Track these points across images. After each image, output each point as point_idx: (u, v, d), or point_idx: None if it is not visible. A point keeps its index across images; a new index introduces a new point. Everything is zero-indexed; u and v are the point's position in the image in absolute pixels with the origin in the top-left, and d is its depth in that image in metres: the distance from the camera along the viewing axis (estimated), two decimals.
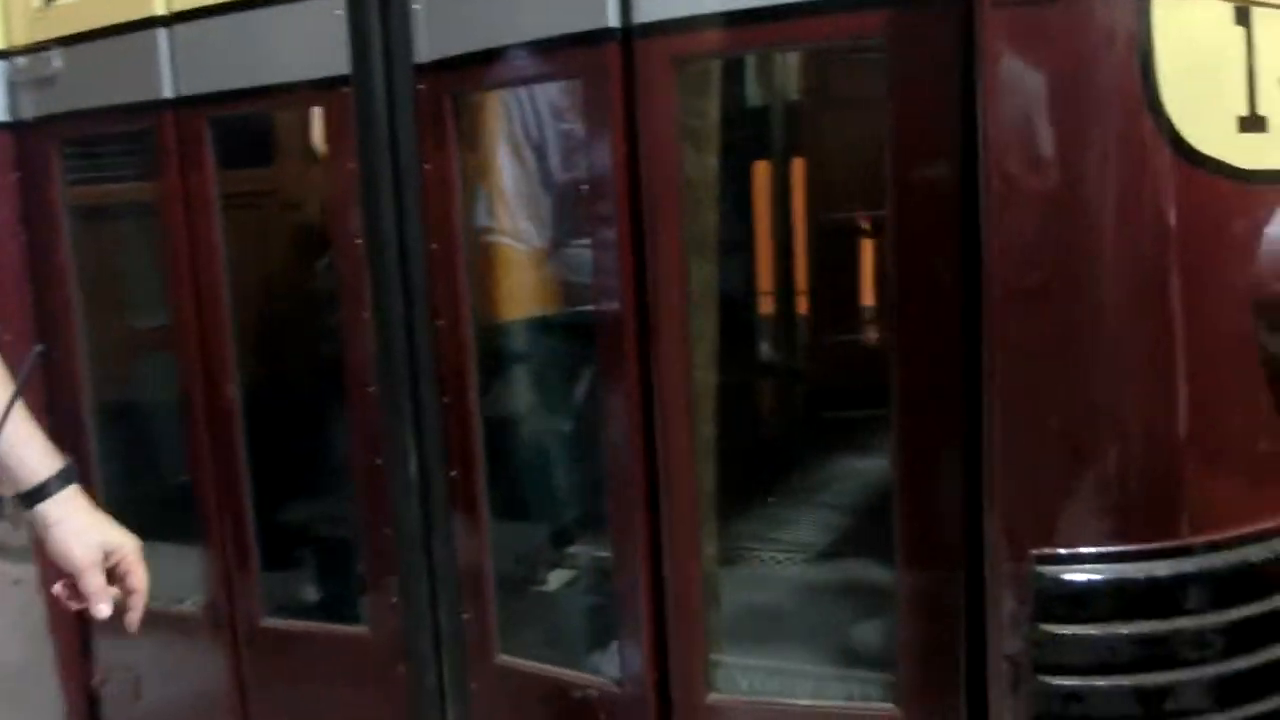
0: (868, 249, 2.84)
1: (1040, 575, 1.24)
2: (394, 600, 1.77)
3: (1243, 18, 1.21)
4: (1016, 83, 1.16)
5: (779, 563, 2.13)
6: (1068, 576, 1.24)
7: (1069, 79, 1.15)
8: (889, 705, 1.41)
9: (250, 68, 1.78)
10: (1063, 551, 1.24)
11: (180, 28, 1.84)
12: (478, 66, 1.57)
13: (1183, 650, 1.24)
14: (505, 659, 1.74)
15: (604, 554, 2.27)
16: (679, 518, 1.51)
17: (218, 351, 1.91)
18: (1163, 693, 1.23)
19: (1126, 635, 1.23)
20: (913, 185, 1.30)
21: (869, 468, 2.36)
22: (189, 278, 1.92)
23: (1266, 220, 1.25)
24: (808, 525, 2.27)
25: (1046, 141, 1.17)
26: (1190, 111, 1.17)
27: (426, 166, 1.63)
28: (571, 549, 2.29)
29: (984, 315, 1.22)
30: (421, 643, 1.74)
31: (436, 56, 1.60)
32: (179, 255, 1.92)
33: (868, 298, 2.89)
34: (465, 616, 1.73)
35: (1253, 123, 1.22)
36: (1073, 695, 1.25)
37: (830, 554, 2.15)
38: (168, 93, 1.86)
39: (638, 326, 1.48)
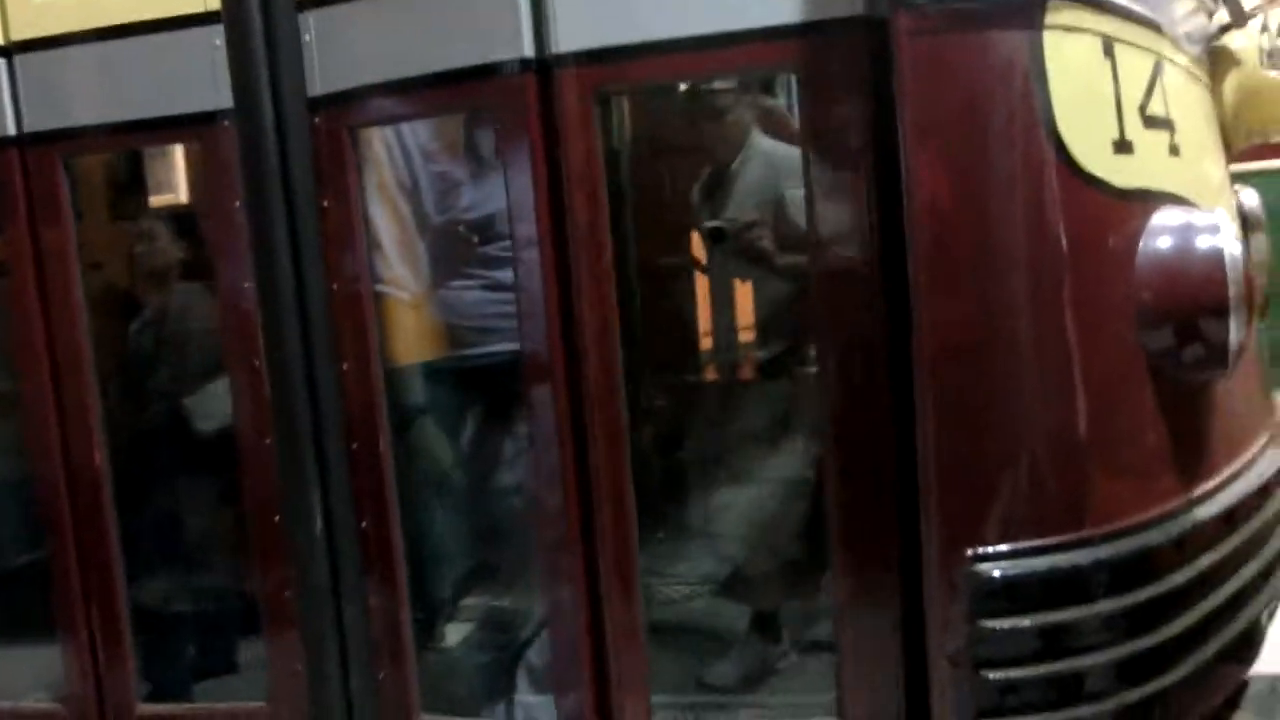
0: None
1: (976, 574, 1.31)
2: (297, 668, 1.66)
3: (1109, 50, 1.34)
4: (930, 105, 1.24)
5: (684, 595, 2.14)
6: (1000, 573, 1.31)
7: (977, 102, 1.25)
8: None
9: (110, 102, 1.67)
10: (994, 550, 1.31)
11: (24, 58, 1.71)
12: (379, 98, 1.53)
13: (1105, 630, 1.33)
14: (427, 718, 1.66)
15: (502, 604, 2.23)
16: (620, 555, 1.49)
17: (80, 417, 1.76)
18: (1095, 671, 1.31)
19: (1058, 623, 1.32)
20: (829, 208, 1.36)
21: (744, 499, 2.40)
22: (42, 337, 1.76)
23: (1139, 235, 1.39)
24: (701, 557, 2.29)
25: (959, 160, 1.26)
26: (1078, 134, 1.29)
27: (325, 203, 1.57)
28: (467, 601, 2.23)
29: (912, 332, 1.29)
30: (332, 710, 1.64)
31: (332, 89, 1.55)
32: (29, 312, 1.76)
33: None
34: (381, 676, 1.64)
35: (1123, 146, 1.36)
36: (1010, 687, 1.32)
37: (729, 583, 2.18)
38: (10, 129, 1.72)
39: (565, 362, 1.47)
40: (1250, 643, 1.58)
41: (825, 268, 1.39)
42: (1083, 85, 1.31)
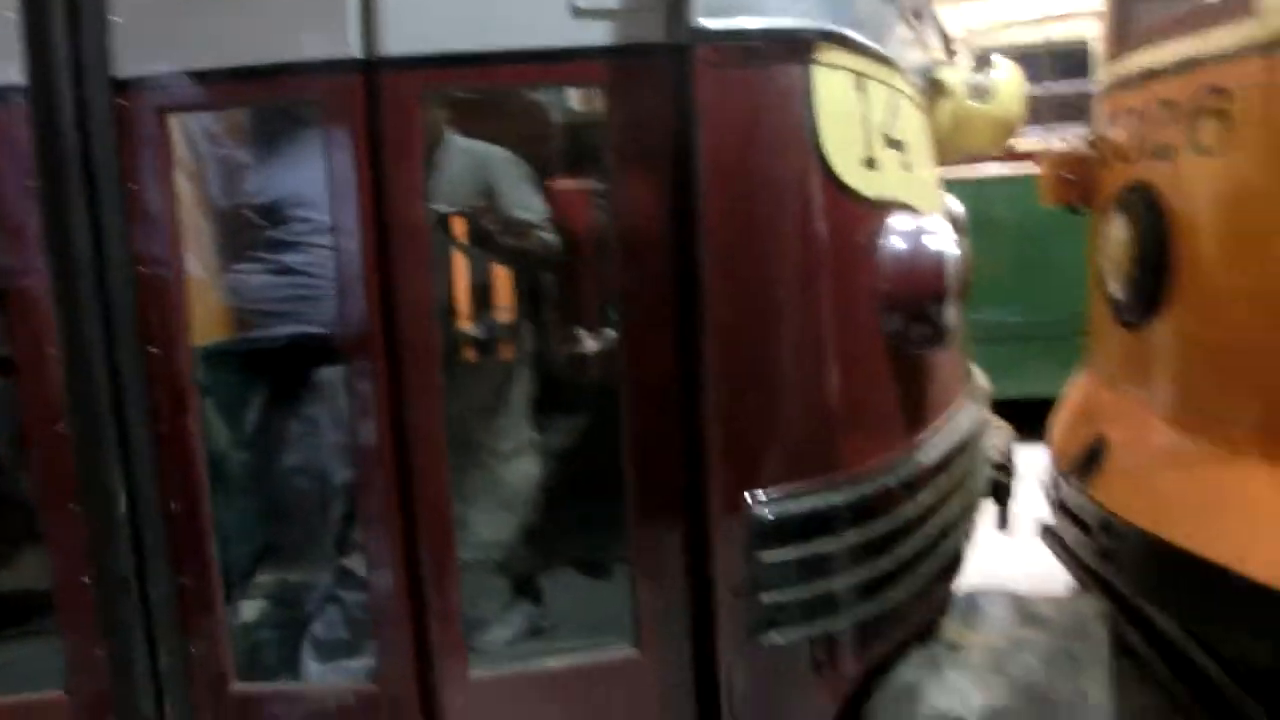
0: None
1: (752, 515, 1.56)
2: (97, 653, 1.65)
3: (861, 85, 1.63)
4: (721, 120, 1.47)
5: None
6: (771, 514, 1.57)
7: (760, 119, 1.49)
8: (629, 648, 1.64)
9: None
10: (765, 495, 1.57)
11: None
12: (194, 84, 1.54)
13: (851, 557, 1.63)
14: (241, 686, 1.70)
15: (295, 578, 2.28)
16: (435, 518, 1.60)
17: None
18: (844, 589, 1.61)
19: (816, 553, 1.60)
20: (632, 203, 1.55)
21: None
22: None
23: (880, 235, 1.69)
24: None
25: (745, 168, 1.50)
26: (837, 152, 1.56)
27: (132, 186, 1.57)
28: (259, 578, 2.26)
29: (702, 310, 1.51)
30: (138, 694, 1.65)
31: (142, 73, 1.54)
32: None
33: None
34: (193, 651, 1.67)
35: (870, 162, 1.66)
36: (780, 607, 1.59)
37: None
38: None
39: (384, 338, 1.56)
40: (956, 564, 1.97)
41: (628, 248, 1.57)
42: (841, 112, 1.58)
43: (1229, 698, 2.46)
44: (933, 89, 2.05)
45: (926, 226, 1.70)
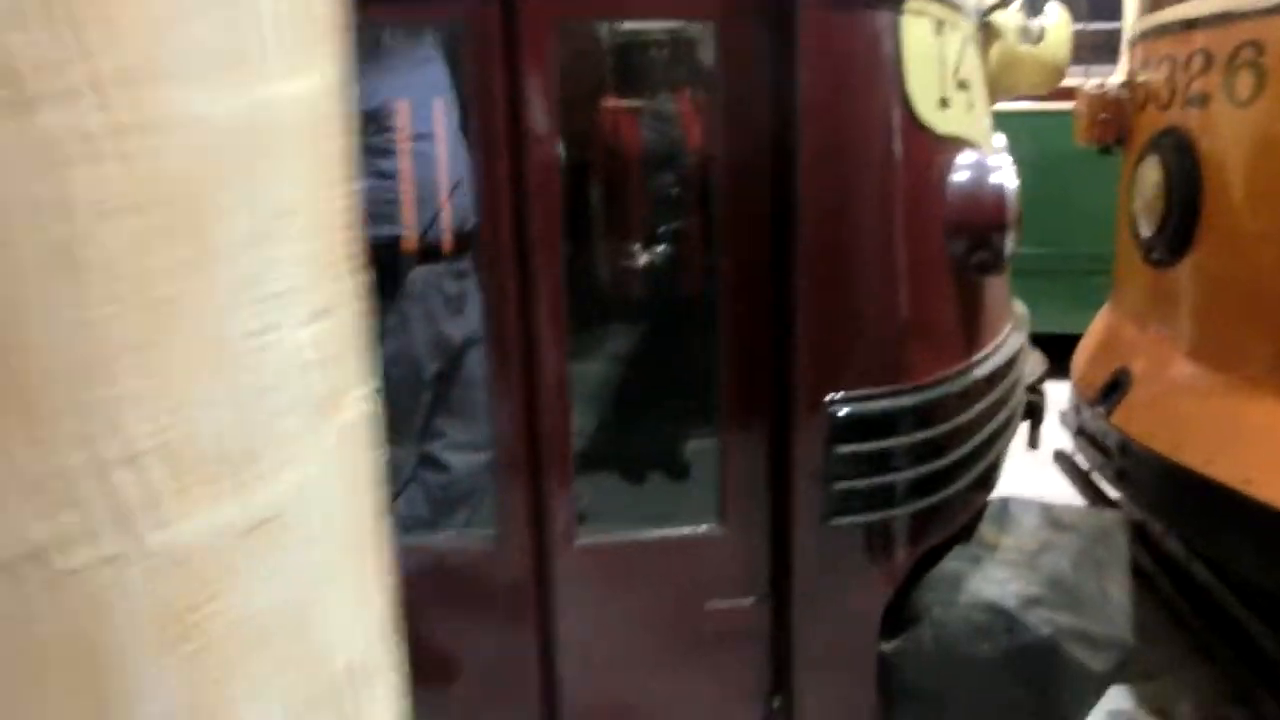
0: None
1: (832, 413, 1.78)
2: None
3: (939, 29, 1.81)
4: (821, 60, 1.65)
5: None
6: (848, 412, 1.79)
7: (855, 61, 1.68)
8: (715, 524, 1.87)
9: None
10: (843, 395, 1.78)
11: None
12: None
13: (912, 455, 1.85)
14: None
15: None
16: (555, 395, 1.80)
17: None
18: (904, 484, 1.83)
19: (884, 449, 1.82)
20: (737, 130, 1.74)
21: None
22: None
23: (949, 170, 1.88)
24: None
25: (839, 103, 1.69)
26: (918, 92, 1.75)
27: None
28: None
29: (796, 233, 1.71)
30: None
31: None
32: None
33: None
34: None
35: (943, 102, 1.84)
36: (850, 494, 1.81)
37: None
38: None
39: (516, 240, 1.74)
40: (994, 472, 2.19)
41: (731, 170, 1.75)
42: (923, 55, 1.76)
43: (1233, 615, 2.70)
44: (987, 31, 2.21)
45: (989, 162, 1.88)
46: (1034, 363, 2.57)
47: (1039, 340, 2.65)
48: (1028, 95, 2.60)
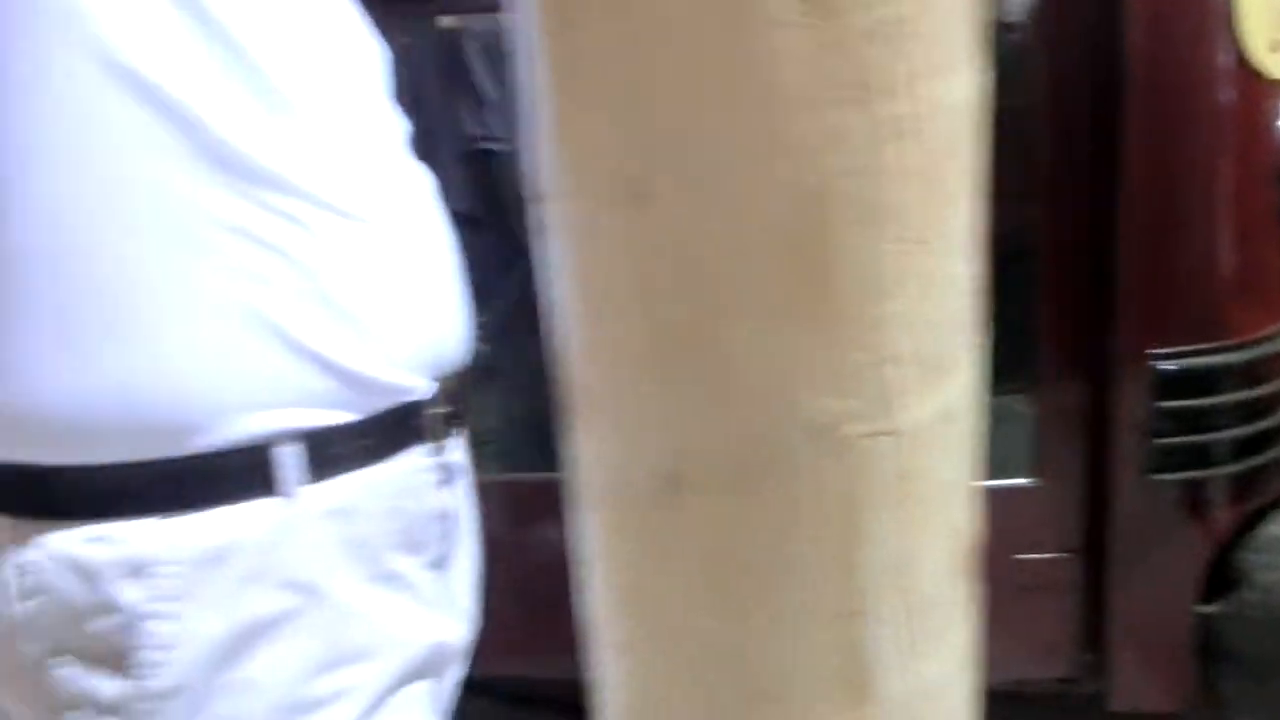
0: None
1: (1155, 368, 1.76)
2: None
3: None
4: (1148, 2, 1.63)
5: None
6: (1172, 368, 1.76)
7: (1184, 3, 1.64)
8: (1031, 477, 1.89)
9: None
10: (1167, 350, 1.76)
11: None
12: None
13: (1235, 414, 1.80)
14: None
15: None
16: None
17: None
18: (1224, 443, 1.79)
19: (1207, 406, 1.78)
20: (1057, 78, 1.74)
21: None
22: None
23: (1278, 114, 1.81)
24: None
25: (1168, 48, 1.66)
26: (1251, 34, 1.69)
27: None
28: None
29: (1120, 183, 1.70)
30: None
31: None
32: None
33: None
34: None
35: (1275, 44, 1.77)
36: (1172, 450, 1.79)
37: None
38: None
39: None
40: None
41: (1055, 121, 1.76)
42: None
43: None
44: None
45: None
46: None
47: None
48: None
